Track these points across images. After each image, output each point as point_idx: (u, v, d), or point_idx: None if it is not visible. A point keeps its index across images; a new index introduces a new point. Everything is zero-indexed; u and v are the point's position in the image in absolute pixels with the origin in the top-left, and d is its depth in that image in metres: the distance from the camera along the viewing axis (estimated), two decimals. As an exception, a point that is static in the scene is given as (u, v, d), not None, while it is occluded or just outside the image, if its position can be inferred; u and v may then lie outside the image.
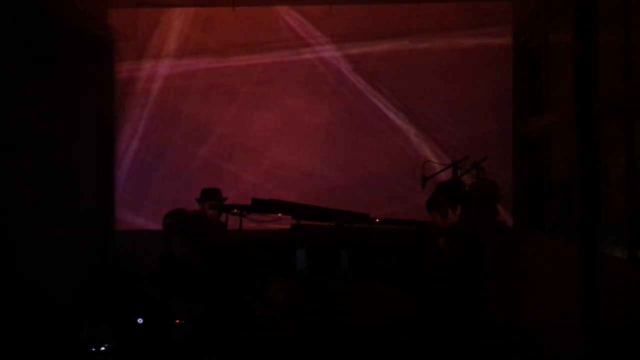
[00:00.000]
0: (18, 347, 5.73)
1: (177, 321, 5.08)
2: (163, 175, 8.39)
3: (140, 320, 5.29)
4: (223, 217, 6.68)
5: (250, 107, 8.40)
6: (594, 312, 5.28)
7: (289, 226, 6.24)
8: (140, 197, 8.36)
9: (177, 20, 8.44)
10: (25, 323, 5.96)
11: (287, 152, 8.36)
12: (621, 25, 5.14)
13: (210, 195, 6.68)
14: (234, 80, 8.40)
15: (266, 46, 8.37)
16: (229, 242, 6.15)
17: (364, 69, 8.31)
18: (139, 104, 8.44)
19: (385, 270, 5.65)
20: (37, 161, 6.61)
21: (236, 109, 8.41)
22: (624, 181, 5.12)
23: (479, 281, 5.09)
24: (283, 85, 8.40)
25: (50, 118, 6.88)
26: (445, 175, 6.67)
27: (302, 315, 6.18)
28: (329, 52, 8.37)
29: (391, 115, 8.28)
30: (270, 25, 8.36)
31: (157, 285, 5.32)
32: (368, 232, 6.07)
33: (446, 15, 8.19)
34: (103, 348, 5.36)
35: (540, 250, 6.64)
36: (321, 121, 8.34)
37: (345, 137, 8.31)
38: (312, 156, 8.33)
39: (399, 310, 5.60)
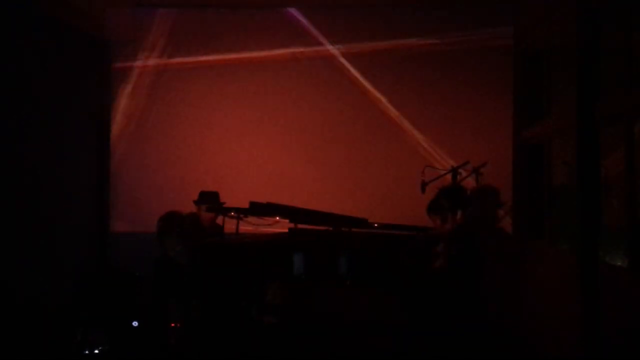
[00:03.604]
0: (12, 350, 5.68)
1: (172, 325, 5.06)
2: (160, 176, 8.32)
3: (135, 324, 5.27)
4: (220, 220, 6.64)
5: (250, 106, 8.34)
6: (593, 320, 5.24)
7: (286, 230, 6.20)
8: (136, 198, 8.29)
9: (176, 21, 8.39)
10: (19, 326, 5.91)
11: (286, 153, 8.31)
12: (623, 31, 5.12)
13: (209, 199, 6.62)
14: (233, 79, 8.34)
15: (265, 45, 8.32)
16: (225, 245, 6.12)
17: (364, 70, 8.27)
18: (136, 104, 8.38)
19: (384, 275, 5.62)
20: (30, 162, 6.55)
21: (235, 107, 8.36)
22: (624, 188, 5.08)
23: (477, 286, 5.06)
24: (283, 84, 8.35)
25: (45, 117, 6.84)
26: (445, 180, 6.62)
27: (298, 320, 6.14)
28: (330, 51, 8.32)
29: (390, 118, 8.24)
30: (271, 26, 8.31)
31: (152, 288, 5.29)
32: (366, 237, 6.04)
33: (447, 18, 8.15)
34: (97, 351, 5.33)
35: (539, 257, 6.60)
36: (321, 123, 8.30)
37: (345, 139, 8.26)
38: (311, 158, 8.29)
39: (396, 315, 5.57)
